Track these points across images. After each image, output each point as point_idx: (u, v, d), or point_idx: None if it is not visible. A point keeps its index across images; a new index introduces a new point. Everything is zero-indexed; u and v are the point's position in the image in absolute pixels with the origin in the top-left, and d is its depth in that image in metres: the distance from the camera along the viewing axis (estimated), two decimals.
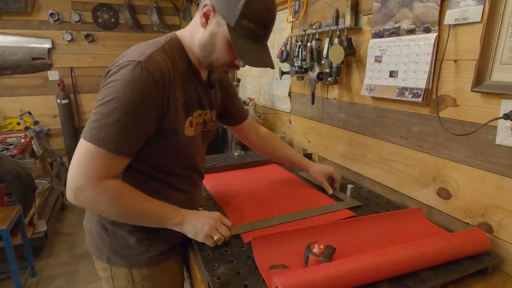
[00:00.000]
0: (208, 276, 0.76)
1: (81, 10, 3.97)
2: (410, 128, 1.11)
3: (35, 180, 2.56)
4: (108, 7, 4.09)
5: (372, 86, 1.22)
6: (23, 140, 3.02)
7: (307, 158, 1.65)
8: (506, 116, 0.79)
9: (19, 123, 3.58)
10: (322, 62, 1.43)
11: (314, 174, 1.24)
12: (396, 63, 1.11)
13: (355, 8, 1.28)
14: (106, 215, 0.83)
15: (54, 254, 2.58)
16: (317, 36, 1.45)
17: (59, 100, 3.95)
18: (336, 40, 1.30)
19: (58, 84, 3.94)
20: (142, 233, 0.87)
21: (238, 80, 2.27)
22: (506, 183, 0.84)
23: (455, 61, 0.94)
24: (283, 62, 1.67)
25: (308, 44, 1.48)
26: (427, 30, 1.00)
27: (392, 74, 1.13)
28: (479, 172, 0.91)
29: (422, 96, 1.02)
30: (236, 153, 1.76)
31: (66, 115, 4.03)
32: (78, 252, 2.60)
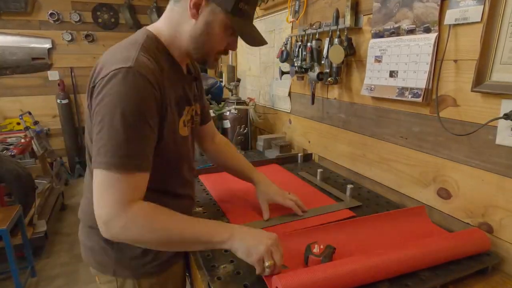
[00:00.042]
0: (208, 276, 0.76)
1: (81, 10, 3.97)
2: (410, 128, 1.11)
3: (35, 180, 2.56)
4: (108, 7, 4.09)
5: (372, 86, 1.22)
6: (23, 140, 3.02)
7: (307, 158, 1.67)
8: (506, 116, 0.79)
9: (19, 123, 3.59)
10: (322, 62, 1.43)
11: (258, 194, 1.09)
12: (396, 63, 1.11)
13: (355, 8, 1.28)
14: (145, 244, 0.74)
15: (54, 254, 2.58)
16: (317, 36, 1.45)
17: (59, 100, 3.95)
18: (336, 40, 1.30)
19: (58, 84, 3.95)
20: None
21: (238, 80, 2.27)
22: (506, 183, 0.84)
23: (455, 61, 0.94)
24: (283, 62, 1.67)
25: (308, 44, 1.48)
26: (427, 30, 1.00)
27: (392, 74, 1.13)
28: (479, 172, 0.91)
29: (422, 96, 1.02)
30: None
31: (66, 115, 4.04)
32: (78, 252, 2.60)
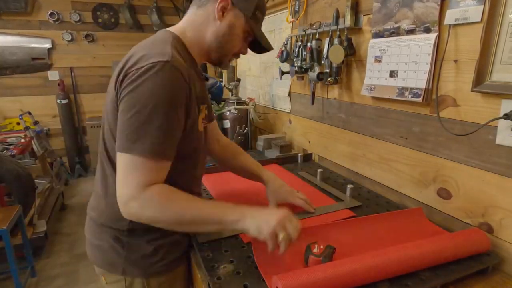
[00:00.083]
0: (208, 276, 0.76)
1: (81, 10, 3.97)
2: (410, 128, 1.11)
3: (35, 180, 2.56)
4: (108, 7, 4.09)
5: (372, 86, 1.22)
6: (23, 140, 3.02)
7: (307, 158, 1.67)
8: (506, 116, 0.79)
9: (19, 123, 3.59)
10: (322, 62, 1.43)
11: (268, 193, 1.09)
12: (396, 63, 1.11)
13: (355, 8, 1.28)
14: (160, 224, 0.77)
15: (54, 254, 2.58)
16: (317, 36, 1.45)
17: (59, 100, 3.95)
18: (336, 40, 1.30)
19: (58, 84, 3.95)
20: (160, 241, 0.87)
21: (238, 80, 2.27)
22: (506, 183, 0.84)
23: (455, 61, 0.94)
24: (283, 62, 1.67)
25: (308, 44, 1.48)
26: (427, 30, 1.00)
27: (392, 74, 1.13)
28: (479, 172, 0.90)
29: (422, 96, 1.02)
30: None
31: (66, 115, 4.04)
32: (78, 252, 2.60)
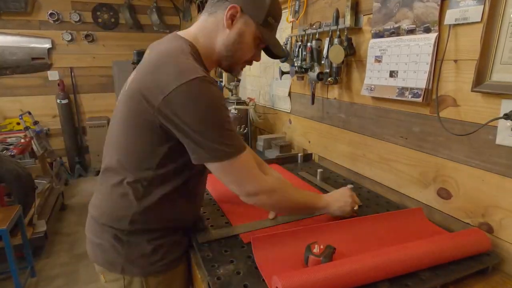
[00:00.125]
0: (208, 276, 0.76)
1: (81, 10, 3.97)
2: (410, 128, 1.11)
3: (35, 180, 2.56)
4: (108, 7, 4.09)
5: (372, 86, 1.22)
6: (23, 140, 3.02)
7: (307, 158, 1.67)
8: (507, 116, 0.79)
9: (19, 123, 3.59)
10: (322, 62, 1.43)
11: None
12: (396, 63, 1.11)
13: (355, 8, 1.28)
14: (276, 208, 0.97)
15: (54, 254, 2.58)
16: (317, 36, 1.45)
17: (59, 100, 3.95)
18: (336, 40, 1.30)
19: (58, 84, 3.95)
20: (160, 240, 0.87)
21: (238, 80, 2.27)
22: (506, 183, 0.84)
23: (455, 61, 0.94)
24: (283, 62, 1.67)
25: (308, 44, 1.48)
26: (427, 30, 1.00)
27: (392, 74, 1.13)
28: (480, 172, 0.90)
29: (422, 96, 1.02)
30: None
31: (66, 115, 4.04)
32: (78, 252, 2.60)
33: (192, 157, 0.78)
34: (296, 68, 1.55)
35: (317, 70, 1.44)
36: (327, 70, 1.38)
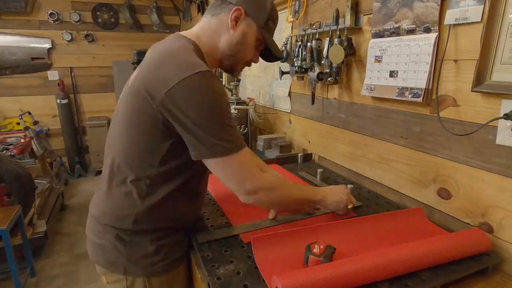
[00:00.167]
0: (208, 276, 0.76)
1: (81, 10, 3.97)
2: (410, 128, 1.11)
3: (35, 180, 2.56)
4: (108, 7, 4.09)
5: (372, 86, 1.22)
6: (22, 140, 3.02)
7: (307, 158, 1.66)
8: (507, 116, 0.79)
9: (18, 123, 3.59)
10: (322, 62, 1.43)
11: None
12: (396, 63, 1.11)
13: (355, 8, 1.28)
14: (275, 205, 0.98)
15: (54, 254, 2.58)
16: (317, 36, 1.44)
17: (58, 100, 3.95)
18: (336, 40, 1.30)
19: (58, 84, 3.95)
20: (163, 240, 0.87)
21: (238, 80, 2.27)
22: (506, 183, 0.84)
23: (455, 61, 0.94)
24: (283, 62, 1.67)
25: (308, 44, 1.48)
26: (427, 30, 1.00)
27: (392, 74, 1.13)
28: (480, 172, 0.90)
29: (422, 96, 1.02)
30: None
31: (66, 115, 4.04)
32: (78, 252, 2.60)
33: (192, 153, 0.78)
34: (296, 68, 1.55)
35: (317, 70, 1.44)
36: (327, 70, 1.38)
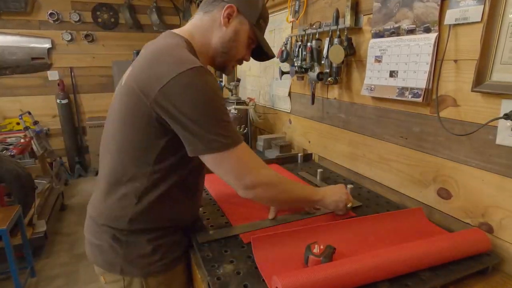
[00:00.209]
0: (208, 276, 0.76)
1: (80, 10, 3.97)
2: (410, 128, 1.11)
3: (35, 180, 2.56)
4: (108, 7, 4.09)
5: (372, 86, 1.22)
6: (22, 140, 3.02)
7: (307, 158, 1.67)
8: (507, 116, 0.79)
9: (18, 123, 3.59)
10: (322, 62, 1.43)
11: None
12: (396, 63, 1.11)
13: (355, 8, 1.28)
14: (273, 202, 0.97)
15: (54, 254, 2.58)
16: (317, 36, 1.44)
17: (58, 100, 3.95)
18: (336, 40, 1.30)
19: (58, 84, 3.95)
20: (160, 240, 0.87)
21: (238, 80, 2.27)
22: (506, 183, 0.84)
23: (455, 61, 0.94)
24: (283, 62, 1.67)
25: (308, 44, 1.48)
26: (427, 30, 1.00)
27: (392, 74, 1.13)
28: (480, 172, 0.90)
29: (422, 96, 1.02)
30: None
31: (66, 115, 4.04)
32: (78, 252, 2.60)
33: (188, 149, 0.78)
34: (296, 68, 1.55)
35: (317, 70, 1.44)
36: (327, 70, 1.38)
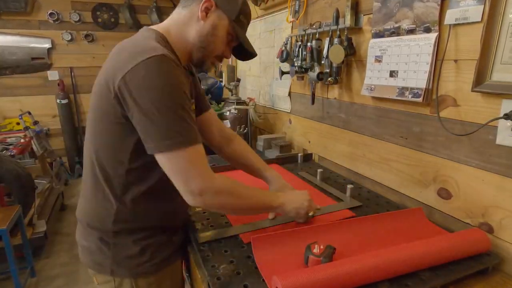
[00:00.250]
0: (208, 276, 0.76)
1: (80, 10, 3.96)
2: (410, 128, 1.11)
3: (35, 180, 2.56)
4: (108, 7, 4.08)
5: (373, 86, 1.22)
6: (22, 140, 3.01)
7: (307, 158, 1.67)
8: (507, 116, 0.79)
9: (18, 123, 3.58)
10: (322, 62, 1.43)
11: None
12: (397, 63, 1.11)
13: (355, 8, 1.28)
14: (227, 210, 0.92)
15: (53, 254, 2.58)
16: (317, 36, 1.44)
17: (58, 100, 3.95)
18: (336, 40, 1.30)
19: (58, 84, 3.94)
20: (147, 240, 0.86)
21: (238, 80, 2.27)
22: (506, 183, 0.84)
23: (456, 61, 0.94)
24: (283, 62, 1.67)
25: (308, 44, 1.48)
26: (428, 30, 1.00)
27: (393, 74, 1.13)
28: (480, 172, 0.90)
29: (422, 96, 1.02)
30: None
31: (66, 115, 4.03)
32: (77, 252, 2.60)
33: (146, 147, 0.74)
34: (296, 68, 1.55)
35: (317, 70, 1.44)
36: (327, 70, 1.38)
